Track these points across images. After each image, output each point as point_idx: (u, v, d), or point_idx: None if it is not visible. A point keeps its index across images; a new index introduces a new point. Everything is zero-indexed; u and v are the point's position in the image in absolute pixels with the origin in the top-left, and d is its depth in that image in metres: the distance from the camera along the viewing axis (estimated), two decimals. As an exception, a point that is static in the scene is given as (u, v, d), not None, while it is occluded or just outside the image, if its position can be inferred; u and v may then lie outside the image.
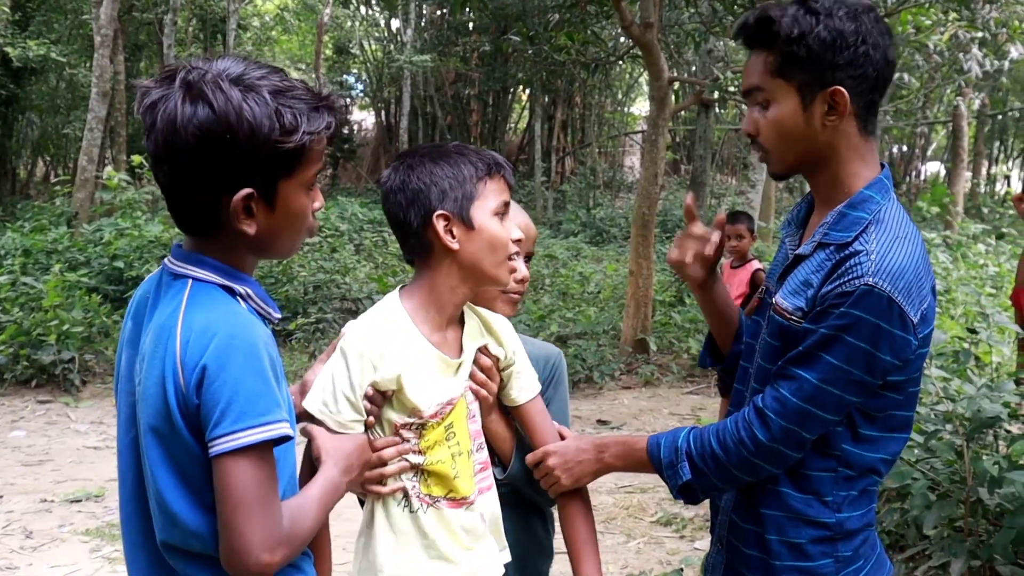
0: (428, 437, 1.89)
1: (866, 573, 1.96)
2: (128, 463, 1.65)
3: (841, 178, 1.91)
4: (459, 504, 1.92)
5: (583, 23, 11.96)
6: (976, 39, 11.10)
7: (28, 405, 7.95)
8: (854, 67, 1.83)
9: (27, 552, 4.96)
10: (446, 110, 26.25)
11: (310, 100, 1.58)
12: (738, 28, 1.94)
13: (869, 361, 1.78)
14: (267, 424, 1.50)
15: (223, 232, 1.60)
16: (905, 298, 1.76)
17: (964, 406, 3.91)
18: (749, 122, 1.95)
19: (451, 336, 1.97)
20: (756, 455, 1.86)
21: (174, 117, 1.50)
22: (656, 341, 9.87)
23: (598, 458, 2.07)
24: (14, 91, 20.65)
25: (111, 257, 10.48)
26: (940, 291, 11.07)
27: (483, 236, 1.89)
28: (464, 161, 1.91)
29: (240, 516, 1.48)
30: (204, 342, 1.50)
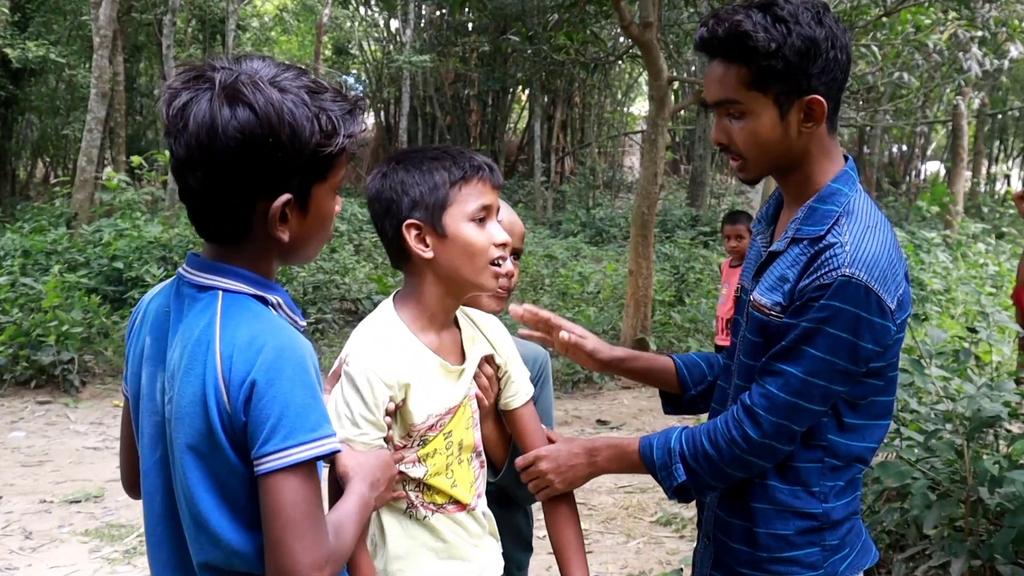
0: (428, 447, 1.89)
1: (851, 561, 2.00)
2: (156, 484, 1.60)
3: (811, 176, 1.94)
4: (462, 508, 1.93)
5: (582, 23, 11.96)
6: (976, 38, 11.09)
7: (27, 406, 7.95)
8: (827, 73, 1.85)
9: (26, 553, 4.95)
10: (445, 110, 26.25)
11: (344, 103, 1.54)
12: (703, 40, 1.91)
13: (852, 350, 1.81)
14: (318, 440, 1.46)
15: (252, 238, 1.55)
16: (881, 286, 1.79)
17: (964, 405, 3.91)
18: (719, 132, 1.96)
19: (449, 340, 1.95)
20: (749, 452, 1.88)
21: (211, 119, 1.44)
22: (656, 341, 9.86)
23: (590, 461, 2.07)
24: (13, 92, 20.64)
25: (110, 258, 10.47)
26: (940, 291, 11.08)
27: (457, 244, 1.85)
28: (438, 167, 1.86)
29: (290, 535, 1.43)
30: (250, 357, 1.45)
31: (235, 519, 1.50)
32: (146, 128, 27.21)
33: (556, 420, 8.04)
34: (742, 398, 1.91)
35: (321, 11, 25.73)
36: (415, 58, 20.23)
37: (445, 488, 1.90)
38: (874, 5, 10.17)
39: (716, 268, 11.47)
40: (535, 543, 2.43)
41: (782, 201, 2.08)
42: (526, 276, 13.66)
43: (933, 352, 4.23)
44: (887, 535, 4.36)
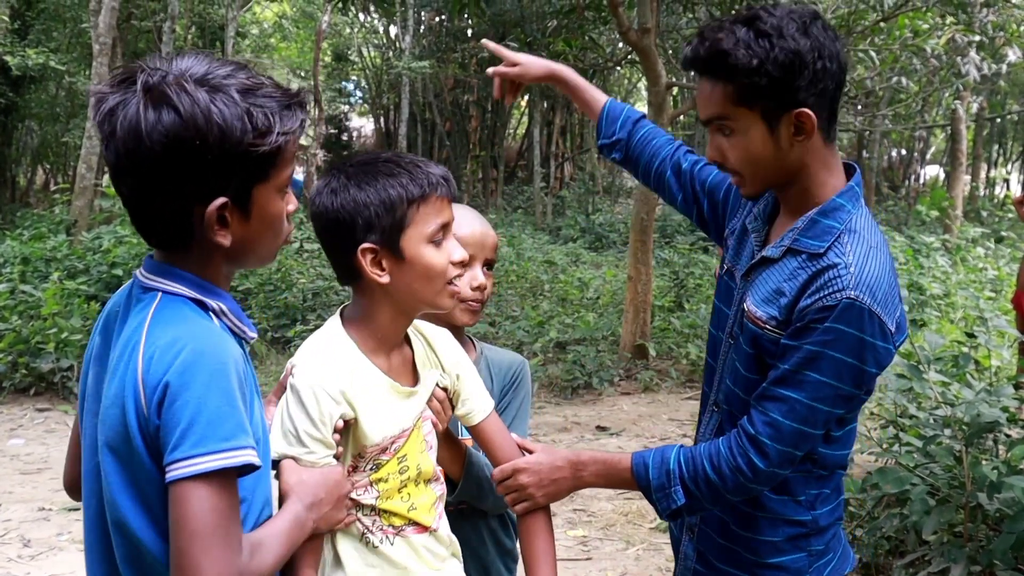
0: (380, 472, 1.81)
1: (834, 566, 2.02)
2: (92, 488, 1.53)
3: (810, 190, 1.91)
4: (423, 530, 1.86)
5: (581, 29, 11.97)
6: (974, 43, 11.10)
7: (27, 413, 7.94)
8: (815, 84, 1.80)
9: (25, 560, 4.95)
10: (445, 116, 26.27)
11: (281, 98, 1.47)
12: (688, 59, 1.89)
13: (856, 374, 1.79)
14: (230, 450, 1.38)
15: (196, 244, 1.49)
16: (883, 309, 1.77)
17: (963, 411, 3.91)
18: (714, 149, 1.93)
19: (399, 361, 1.87)
20: (753, 481, 1.86)
21: (136, 124, 1.38)
22: (655, 347, 9.86)
23: (575, 475, 2.02)
24: (13, 99, 20.63)
25: (110, 265, 10.46)
26: (939, 295, 11.07)
27: (416, 267, 1.75)
28: (394, 183, 1.73)
29: (196, 546, 1.35)
30: (168, 359, 1.39)
31: (154, 526, 1.44)
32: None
33: (555, 426, 8.03)
34: (743, 425, 1.87)
35: (320, 18, 25.76)
36: (414, 64, 20.25)
37: (402, 512, 1.82)
38: (872, 10, 10.18)
39: (715, 273, 11.47)
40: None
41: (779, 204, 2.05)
42: (525, 282, 13.66)
43: (932, 357, 4.23)
44: (886, 541, 4.36)
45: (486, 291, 2.17)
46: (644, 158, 2.39)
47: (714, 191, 2.27)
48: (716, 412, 2.07)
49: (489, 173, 26.29)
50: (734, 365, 1.99)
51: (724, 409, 2.03)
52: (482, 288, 2.14)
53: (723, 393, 2.03)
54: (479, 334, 9.73)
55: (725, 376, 2.03)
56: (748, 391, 1.92)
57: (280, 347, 10.04)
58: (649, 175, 2.39)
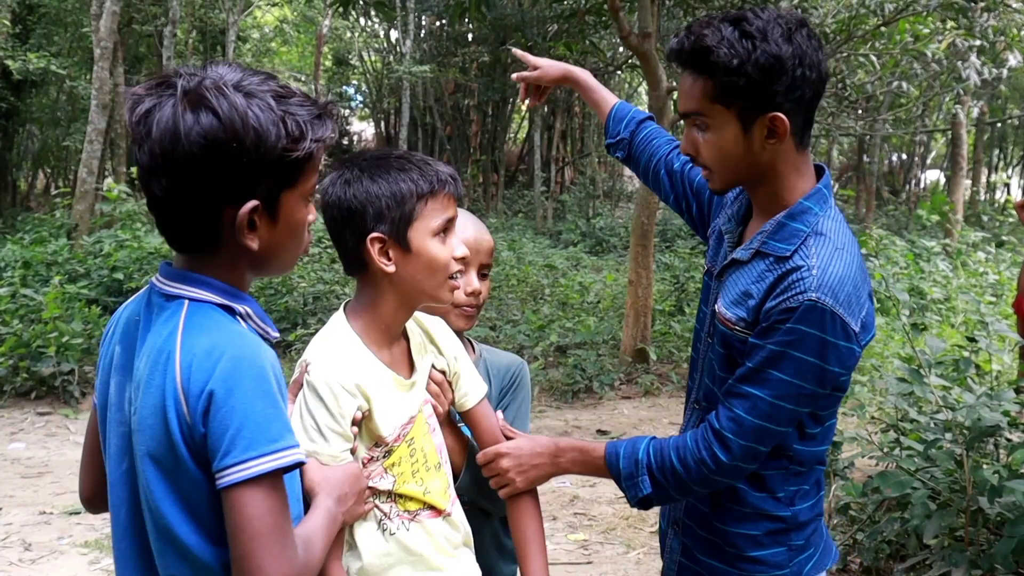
0: (393, 457, 1.86)
1: (816, 561, 2.07)
2: (121, 497, 1.55)
3: (779, 192, 1.95)
4: (437, 514, 1.90)
5: (581, 33, 11.99)
6: (974, 47, 11.11)
7: (27, 417, 7.94)
8: (792, 91, 1.83)
9: (26, 564, 4.95)
10: (445, 120, 26.29)
11: (312, 108, 1.51)
12: (673, 51, 1.93)
13: (819, 374, 1.84)
14: (280, 451, 1.42)
15: (222, 248, 1.51)
16: (846, 310, 1.81)
17: (964, 415, 3.91)
18: (688, 143, 1.97)
19: (399, 352, 1.93)
20: (716, 473, 1.92)
21: (174, 125, 1.41)
22: (656, 351, 9.86)
23: (554, 462, 2.08)
24: (14, 104, 20.67)
25: (111, 269, 10.48)
26: (940, 299, 11.08)
27: (421, 259, 1.82)
28: (405, 178, 1.81)
29: (258, 548, 1.39)
30: (208, 366, 1.42)
31: (201, 532, 1.46)
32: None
33: (556, 430, 8.03)
34: (710, 419, 1.93)
35: (321, 22, 25.79)
36: (415, 68, 20.26)
37: (418, 495, 1.87)
38: (872, 15, 10.19)
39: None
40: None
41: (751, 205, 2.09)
42: (526, 286, 13.67)
43: (933, 361, 4.23)
44: (887, 545, 4.36)
45: (481, 296, 2.20)
46: (644, 157, 2.47)
47: (701, 191, 2.33)
48: (697, 409, 2.13)
49: (490, 177, 26.29)
50: (711, 363, 2.05)
51: (704, 406, 2.08)
52: (476, 293, 2.18)
53: (703, 391, 2.10)
54: (479, 337, 9.74)
55: (704, 374, 2.09)
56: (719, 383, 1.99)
57: (281, 351, 10.03)
58: (648, 174, 2.47)
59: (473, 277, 2.17)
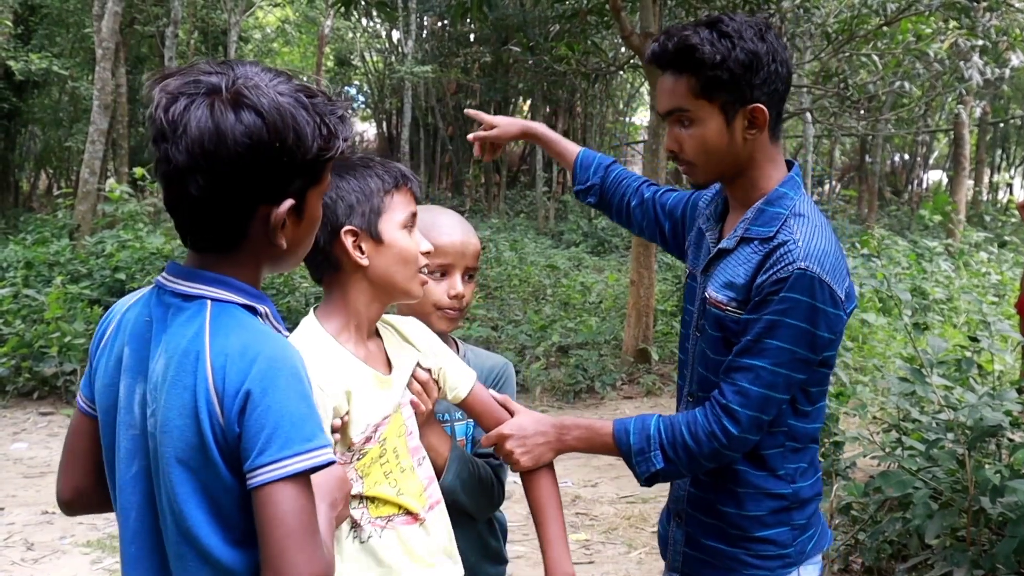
0: (365, 458, 1.84)
1: (816, 541, 2.15)
2: (131, 500, 1.53)
3: (757, 181, 2.10)
4: (413, 520, 1.87)
5: (583, 33, 11.98)
6: (977, 47, 11.11)
7: (30, 417, 7.95)
8: (768, 84, 2.01)
9: (28, 564, 4.95)
10: (447, 121, 26.31)
11: (335, 107, 1.52)
12: (655, 54, 2.06)
13: (810, 340, 1.95)
14: (313, 450, 1.42)
15: (245, 246, 1.51)
16: (832, 277, 1.95)
17: (966, 415, 3.91)
18: (671, 140, 2.11)
19: (374, 349, 1.94)
20: (727, 447, 2.00)
21: (215, 125, 1.40)
22: (658, 351, 9.86)
23: (559, 438, 2.10)
24: (17, 104, 20.69)
25: (113, 269, 10.47)
26: (943, 300, 11.08)
27: (393, 250, 1.88)
28: (370, 174, 1.88)
29: (292, 546, 1.39)
30: (243, 367, 1.41)
31: (225, 535, 1.46)
32: (148, 140, 27.20)
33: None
34: (715, 396, 2.01)
35: (323, 23, 25.81)
36: (417, 69, 20.27)
37: (391, 498, 1.85)
38: (875, 14, 10.19)
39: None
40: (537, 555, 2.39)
41: (728, 203, 2.22)
42: (528, 287, 13.67)
43: (935, 361, 4.23)
44: (889, 545, 4.36)
45: (464, 299, 2.20)
46: (616, 197, 2.58)
47: (673, 211, 2.47)
48: (691, 402, 2.20)
49: (492, 178, 26.30)
50: (703, 353, 2.13)
51: (699, 396, 2.15)
52: (460, 297, 2.18)
53: (695, 383, 2.17)
54: (480, 338, 9.74)
55: (696, 366, 2.17)
56: (718, 372, 2.06)
57: (283, 351, 10.03)
58: (620, 211, 2.58)
59: (457, 280, 2.18)
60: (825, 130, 20.28)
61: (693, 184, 2.19)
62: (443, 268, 2.16)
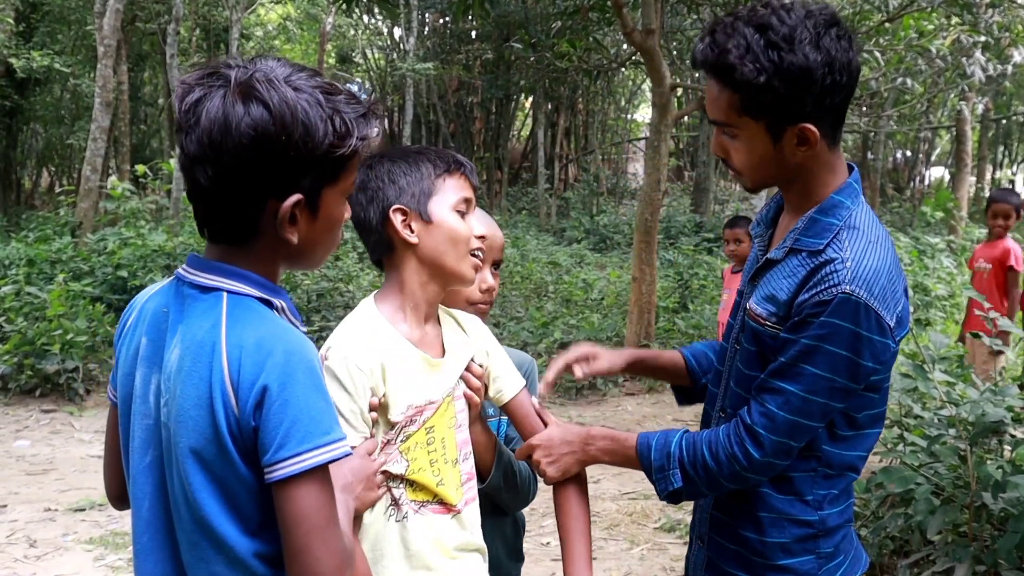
0: (409, 442, 1.86)
1: (845, 568, 1.99)
2: (144, 489, 1.55)
3: (812, 189, 1.93)
4: (446, 511, 1.89)
5: (585, 30, 11.98)
6: (979, 43, 11.09)
7: (32, 415, 7.96)
8: (822, 100, 1.80)
9: (31, 561, 4.96)
10: (449, 118, 26.28)
11: (358, 106, 1.53)
12: (696, 60, 1.89)
13: (852, 368, 1.80)
14: (332, 443, 1.43)
15: (260, 240, 1.52)
16: (881, 304, 1.78)
17: (968, 410, 3.90)
18: (717, 146, 1.96)
19: (431, 333, 1.95)
20: (749, 470, 1.88)
21: (224, 116, 1.42)
22: (660, 347, 9.86)
23: (584, 450, 2.06)
24: (18, 102, 20.68)
25: (115, 267, 10.47)
26: (944, 296, 11.07)
27: (442, 230, 1.90)
28: (423, 159, 1.94)
29: (316, 540, 1.40)
30: (259, 360, 1.42)
31: (239, 524, 1.47)
32: (150, 137, 27.27)
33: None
34: (741, 415, 1.90)
35: (324, 19, 25.79)
36: (418, 66, 20.25)
37: (430, 485, 1.87)
38: (877, 11, 10.17)
39: (719, 274, 11.49)
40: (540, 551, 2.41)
41: (782, 204, 2.08)
42: (530, 283, 13.67)
43: (936, 357, 4.22)
44: (891, 541, 4.36)
45: (493, 292, 2.22)
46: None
47: None
48: (722, 417, 2.07)
49: (493, 175, 26.29)
50: (737, 368, 2.01)
51: (730, 413, 2.04)
52: (492, 290, 2.19)
53: (728, 399, 2.06)
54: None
55: (729, 381, 2.06)
56: (749, 388, 1.94)
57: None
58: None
59: (488, 274, 2.19)
60: (827, 127, 20.17)
61: (745, 189, 2.07)
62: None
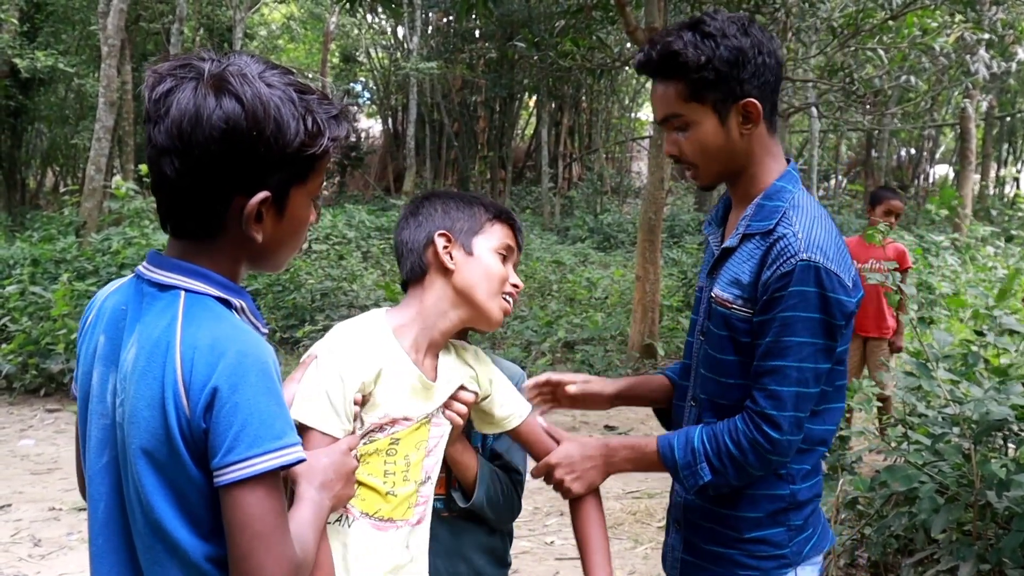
0: (371, 446, 1.84)
1: (814, 543, 2.11)
2: (100, 490, 1.51)
3: (757, 176, 2.09)
4: (384, 527, 1.85)
5: (588, 29, 11.98)
6: (983, 41, 11.07)
7: (37, 414, 7.97)
8: (757, 77, 2.00)
9: (35, 560, 4.97)
10: (453, 117, 26.29)
11: (330, 107, 1.51)
12: (641, 63, 2.07)
13: (827, 328, 1.93)
14: (283, 448, 1.39)
15: (223, 238, 1.49)
16: (837, 265, 1.93)
17: (972, 409, 3.90)
18: (670, 145, 2.11)
19: (428, 363, 1.93)
20: (772, 452, 1.96)
21: (195, 108, 1.39)
22: (663, 346, 9.86)
23: (607, 462, 2.12)
24: (23, 102, 20.75)
25: (119, 266, 10.47)
26: (948, 294, 11.04)
27: (480, 264, 1.95)
28: (476, 203, 2.03)
29: (259, 548, 1.36)
30: (211, 361, 1.38)
31: (192, 527, 1.43)
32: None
33: (564, 426, 8.04)
34: (749, 406, 1.97)
35: (328, 19, 25.82)
36: (422, 65, 20.27)
37: (379, 491, 1.84)
38: (880, 8, 10.16)
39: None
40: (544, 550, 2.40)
41: (730, 204, 2.21)
42: (533, 282, 13.67)
43: (940, 355, 4.22)
44: (895, 539, 4.35)
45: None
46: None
47: None
48: (694, 406, 2.17)
49: (497, 173, 26.29)
50: (707, 355, 2.10)
51: (702, 399, 2.13)
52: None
53: (698, 387, 2.15)
54: (485, 334, 9.75)
55: (699, 369, 2.14)
56: (723, 372, 2.05)
57: (289, 347, 10.05)
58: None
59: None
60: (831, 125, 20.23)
61: (699, 187, 2.19)
62: None
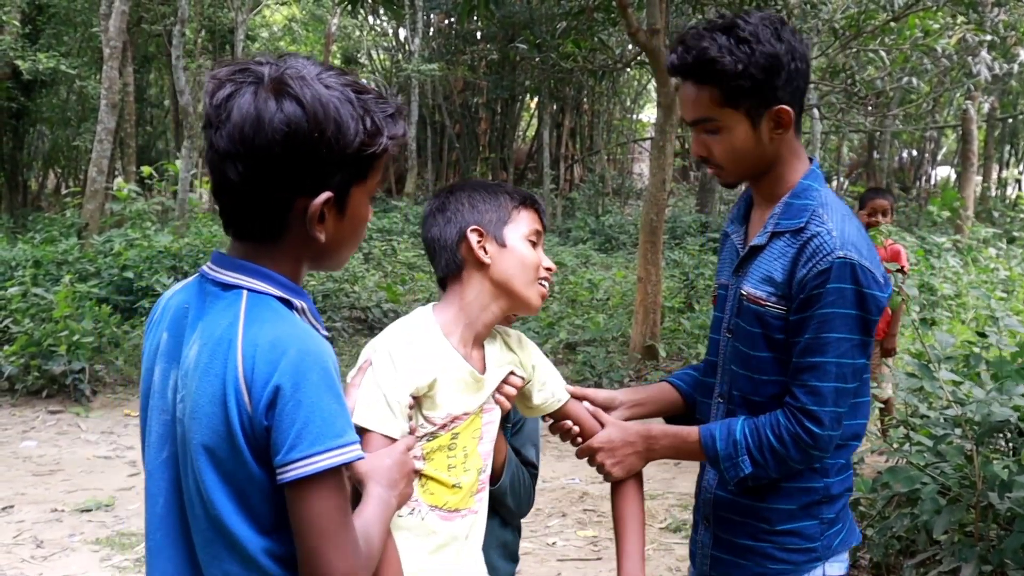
0: (434, 442, 1.91)
1: (843, 537, 2.14)
2: (159, 486, 1.55)
3: (784, 175, 2.11)
4: (451, 516, 1.93)
5: (590, 30, 11.99)
6: (984, 42, 11.07)
7: (39, 415, 7.97)
8: (790, 83, 2.02)
9: (38, 561, 4.97)
10: (454, 119, 26.29)
11: (386, 106, 1.53)
12: (674, 66, 2.07)
13: (863, 324, 1.97)
14: (344, 446, 1.42)
15: (285, 238, 1.52)
16: (870, 261, 1.97)
17: (974, 410, 3.90)
18: (699, 146, 2.12)
19: (476, 355, 1.99)
20: (814, 447, 1.99)
21: (256, 112, 1.42)
22: (665, 347, 9.85)
23: (648, 448, 2.16)
24: (25, 104, 20.75)
25: (121, 268, 10.49)
26: (951, 295, 11.05)
27: (514, 255, 1.99)
28: (500, 191, 2.05)
29: (325, 544, 1.40)
30: (273, 359, 1.41)
31: (251, 522, 1.46)
32: (156, 139, 27.34)
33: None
34: (789, 401, 2.01)
35: (329, 21, 25.83)
36: (424, 67, 20.27)
37: (445, 484, 1.91)
38: (882, 10, 10.16)
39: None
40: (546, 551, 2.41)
41: (751, 201, 2.23)
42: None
43: (942, 356, 4.22)
44: (897, 541, 4.35)
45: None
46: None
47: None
48: (722, 402, 2.18)
49: (499, 175, 26.28)
50: (736, 351, 2.13)
51: (733, 395, 2.15)
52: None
53: (727, 382, 2.16)
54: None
55: (728, 365, 2.16)
56: (756, 369, 2.07)
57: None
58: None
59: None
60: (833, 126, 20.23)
61: (723, 184, 2.22)
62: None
